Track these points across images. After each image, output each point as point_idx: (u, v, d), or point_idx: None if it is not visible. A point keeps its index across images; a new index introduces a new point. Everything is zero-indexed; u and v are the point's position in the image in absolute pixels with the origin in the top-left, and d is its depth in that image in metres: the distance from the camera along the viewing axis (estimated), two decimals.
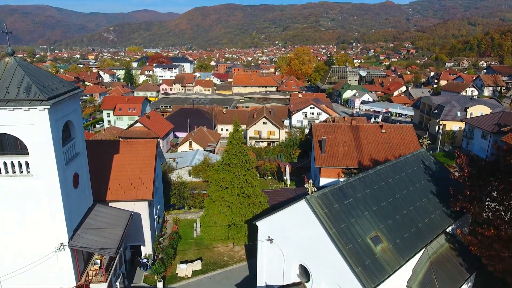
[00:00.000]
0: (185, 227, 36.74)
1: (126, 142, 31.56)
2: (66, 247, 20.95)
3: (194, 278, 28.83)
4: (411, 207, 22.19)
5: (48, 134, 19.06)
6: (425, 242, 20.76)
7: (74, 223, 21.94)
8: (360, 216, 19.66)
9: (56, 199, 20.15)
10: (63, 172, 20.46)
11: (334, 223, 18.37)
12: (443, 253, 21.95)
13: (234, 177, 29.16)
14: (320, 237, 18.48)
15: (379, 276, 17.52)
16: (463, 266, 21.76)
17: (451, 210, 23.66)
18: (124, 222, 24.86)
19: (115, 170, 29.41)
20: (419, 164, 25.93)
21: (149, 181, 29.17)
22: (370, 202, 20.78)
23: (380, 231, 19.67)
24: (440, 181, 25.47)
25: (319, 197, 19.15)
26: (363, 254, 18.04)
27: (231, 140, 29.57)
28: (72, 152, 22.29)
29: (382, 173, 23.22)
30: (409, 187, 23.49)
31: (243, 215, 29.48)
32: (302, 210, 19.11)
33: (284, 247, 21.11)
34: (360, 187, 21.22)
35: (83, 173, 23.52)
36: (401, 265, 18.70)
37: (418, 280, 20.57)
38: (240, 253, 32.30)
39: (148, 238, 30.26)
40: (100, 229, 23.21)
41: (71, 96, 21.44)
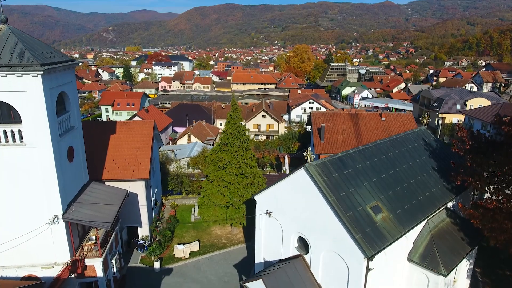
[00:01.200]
0: (182, 212, 36.35)
1: (123, 122, 31.19)
2: (60, 220, 20.54)
3: (191, 259, 28.44)
4: (411, 180, 21.84)
5: (42, 102, 18.67)
6: (426, 214, 20.41)
7: (68, 197, 21.54)
8: (359, 186, 19.30)
9: (50, 170, 19.75)
10: (57, 143, 20.07)
11: (333, 191, 18.00)
12: (444, 227, 21.59)
13: (232, 157, 28.79)
14: (319, 206, 18.11)
15: (379, 243, 17.15)
16: (465, 240, 21.39)
17: (452, 186, 23.33)
18: (120, 199, 24.46)
19: (112, 150, 29.04)
20: (419, 140, 25.59)
21: (146, 161, 28.80)
22: (370, 173, 20.42)
23: (381, 201, 19.32)
24: (440, 158, 25.14)
25: (318, 165, 18.79)
26: (363, 222, 17.67)
27: (229, 120, 29.21)
28: (67, 125, 21.90)
29: (382, 147, 22.88)
30: (409, 161, 23.14)
31: (241, 195, 29.10)
32: (301, 179, 18.73)
33: (283, 220, 20.73)
34: (360, 158, 20.86)
35: (78, 147, 23.12)
36: (402, 234, 18.34)
37: (419, 253, 20.21)
38: (239, 236, 31.92)
39: (145, 220, 29.87)
40: (95, 204, 22.81)
41: (66, 67, 21.12)
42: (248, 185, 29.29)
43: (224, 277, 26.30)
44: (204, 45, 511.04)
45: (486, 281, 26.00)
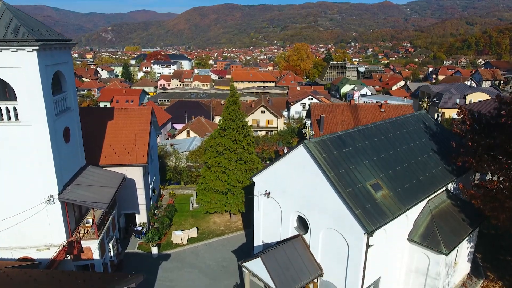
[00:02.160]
0: (181, 201, 36.06)
1: (121, 109, 30.89)
2: (56, 200, 20.26)
3: (189, 245, 28.16)
4: (411, 161, 21.62)
5: (37, 78, 18.40)
6: (427, 193, 20.18)
7: (64, 177, 21.26)
8: (359, 164, 19.07)
9: (46, 149, 19.47)
10: (53, 121, 19.80)
11: (333, 168, 17.76)
12: (445, 209, 21.36)
13: (230, 142, 28.53)
14: (318, 183, 17.88)
15: (379, 219, 16.92)
16: (466, 221, 21.16)
17: (453, 168, 23.12)
18: (117, 182, 24.19)
19: (109, 136, 28.76)
20: (420, 123, 25.38)
21: (144, 146, 28.53)
22: (370, 152, 20.20)
23: (380, 179, 19.10)
24: (441, 141, 24.92)
25: (317, 142, 18.56)
26: (363, 198, 17.44)
27: (227, 105, 28.96)
28: (63, 105, 21.63)
29: (382, 128, 22.66)
30: (409, 143, 22.93)
31: (239, 181, 28.84)
32: (300, 156, 18.50)
33: (282, 200, 20.48)
34: (360, 138, 20.64)
35: (75, 129, 22.84)
36: (402, 212, 18.11)
37: (419, 233, 19.97)
38: (237, 224, 31.66)
39: (142, 206, 29.59)
40: (92, 186, 22.54)
41: (62, 46, 20.87)
42: (246, 171, 29.03)
43: (222, 262, 26.03)
44: (203, 45, 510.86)
45: (486, 265, 25.77)
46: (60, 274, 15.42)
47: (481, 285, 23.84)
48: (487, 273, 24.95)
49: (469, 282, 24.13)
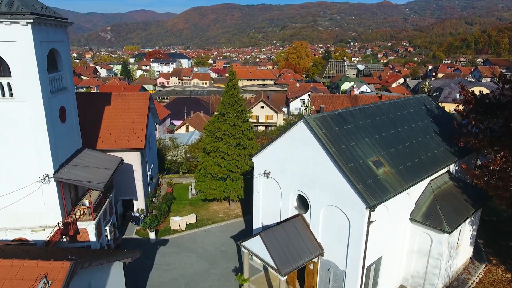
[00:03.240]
0: (179, 191, 35.69)
1: (118, 94, 30.50)
2: (51, 180, 19.86)
3: (188, 231, 27.77)
4: (413, 141, 21.28)
5: (32, 53, 18.01)
6: (429, 172, 19.83)
7: (60, 158, 20.85)
8: (360, 141, 18.72)
9: (41, 126, 19.07)
10: (48, 99, 19.41)
11: (333, 143, 17.41)
12: (447, 189, 21.01)
13: (229, 127, 28.15)
14: (319, 159, 17.53)
15: (381, 194, 16.57)
16: (468, 202, 20.80)
17: (455, 149, 22.79)
18: (114, 164, 23.79)
19: (106, 121, 28.38)
20: (421, 106, 25.05)
21: (142, 131, 28.14)
22: (371, 130, 19.85)
23: (382, 156, 18.75)
24: (443, 123, 24.61)
25: (317, 118, 18.21)
26: (365, 174, 17.09)
27: (226, 90, 28.57)
28: (59, 85, 21.23)
29: (383, 107, 22.32)
30: (411, 123, 22.60)
31: (238, 167, 28.47)
32: (300, 132, 18.15)
33: (281, 179, 20.11)
34: (361, 116, 20.29)
35: (71, 110, 22.44)
36: (404, 189, 17.76)
37: (421, 212, 19.63)
38: (236, 211, 31.28)
39: (140, 192, 29.21)
40: (88, 167, 22.16)
41: (58, 24, 20.55)
42: (245, 157, 28.64)
43: (221, 247, 25.65)
44: (202, 44, 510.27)
45: (489, 251, 25.46)
46: (53, 249, 15.07)
47: (484, 269, 23.50)
48: (490, 258, 24.64)
49: (471, 266, 23.80)
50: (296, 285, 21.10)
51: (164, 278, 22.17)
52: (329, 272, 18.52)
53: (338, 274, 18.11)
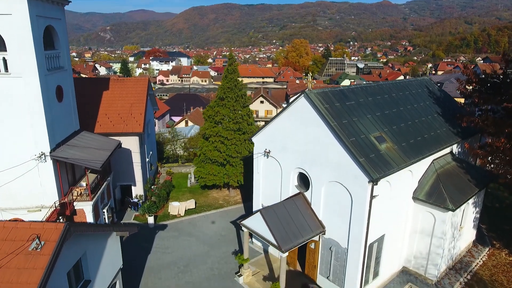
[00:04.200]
0: (178, 179, 35.32)
1: (117, 80, 30.19)
2: (47, 158, 19.52)
3: (187, 217, 27.42)
4: (416, 120, 20.96)
5: (28, 27, 17.66)
6: (432, 150, 19.48)
7: (57, 137, 20.50)
8: (362, 117, 18.39)
9: (37, 103, 18.73)
10: (44, 75, 19.06)
11: (335, 118, 17.08)
12: (450, 169, 20.68)
13: (229, 111, 27.83)
14: (320, 134, 17.18)
15: (384, 168, 16.23)
16: (471, 182, 20.45)
17: (458, 130, 22.46)
18: (112, 146, 23.44)
19: (104, 105, 28.06)
20: (423, 88, 24.73)
21: (140, 116, 27.80)
22: (373, 108, 19.52)
23: (385, 133, 18.42)
24: (445, 106, 24.30)
25: (319, 93, 17.87)
26: (367, 148, 16.75)
27: (226, 74, 28.25)
28: (55, 63, 20.87)
29: (385, 87, 22.00)
30: (413, 103, 22.27)
31: (238, 152, 28.13)
32: (301, 108, 17.81)
33: (282, 158, 19.76)
34: (362, 94, 19.96)
35: (68, 89, 22.08)
36: (407, 165, 17.41)
37: (424, 191, 19.28)
38: (236, 198, 30.93)
39: (139, 178, 28.87)
40: (85, 147, 21.81)
41: (54, 0, 20.17)
42: (245, 142, 28.32)
43: (221, 232, 25.30)
44: (202, 44, 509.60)
45: (492, 235, 25.14)
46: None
47: (487, 253, 23.19)
48: (493, 242, 24.33)
49: (474, 249, 23.48)
50: (297, 266, 20.77)
51: (163, 261, 21.82)
52: (331, 251, 18.17)
53: (340, 252, 17.77)
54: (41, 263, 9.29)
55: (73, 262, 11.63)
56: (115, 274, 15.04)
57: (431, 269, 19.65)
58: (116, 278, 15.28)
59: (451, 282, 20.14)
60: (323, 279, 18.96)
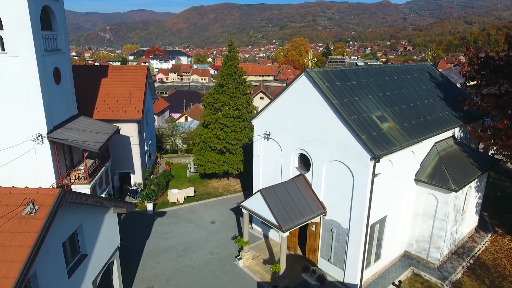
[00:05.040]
0: (178, 170, 35.07)
1: (116, 67, 29.96)
2: (44, 139, 19.27)
3: (186, 204, 27.15)
4: (418, 102, 20.71)
5: (24, 4, 17.43)
6: (434, 131, 19.22)
7: (54, 119, 20.25)
8: (364, 97, 18.13)
9: (34, 83, 18.49)
10: (41, 56, 18.83)
11: (336, 96, 16.83)
12: (452, 152, 20.42)
13: (228, 98, 27.56)
14: (321, 113, 16.92)
15: (386, 146, 15.98)
16: (474, 165, 20.19)
17: (460, 114, 22.21)
18: (110, 130, 23.19)
19: (103, 92, 27.82)
20: (425, 73, 24.48)
21: (139, 102, 27.55)
22: (374, 89, 19.27)
23: (386, 113, 18.17)
24: (447, 90, 24.05)
25: (319, 72, 17.63)
26: (369, 126, 16.50)
27: (225, 61, 27.99)
28: (53, 45, 20.63)
29: (386, 70, 21.75)
30: (415, 87, 22.02)
31: (238, 139, 27.86)
32: (301, 87, 17.55)
33: (282, 139, 19.50)
34: (364, 75, 19.71)
35: (65, 72, 21.83)
36: (409, 144, 17.16)
37: (427, 173, 19.03)
38: (236, 187, 30.67)
39: (138, 166, 28.62)
40: (83, 131, 21.55)
41: None
42: (245, 129, 28.06)
43: (220, 218, 25.04)
44: (202, 44, 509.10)
45: (494, 222, 24.91)
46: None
47: (490, 239, 22.93)
48: (495, 228, 24.09)
49: (477, 235, 23.24)
50: (298, 250, 20.50)
51: (162, 246, 21.55)
52: (332, 232, 17.91)
53: (342, 234, 17.51)
54: (35, 227, 9.04)
55: (69, 233, 11.37)
56: (113, 252, 14.78)
57: (434, 253, 19.40)
58: (113, 257, 15.01)
59: (454, 266, 19.89)
60: (324, 262, 18.70)
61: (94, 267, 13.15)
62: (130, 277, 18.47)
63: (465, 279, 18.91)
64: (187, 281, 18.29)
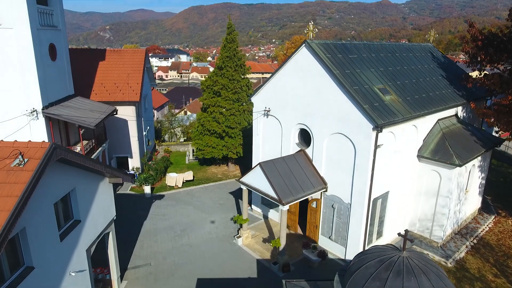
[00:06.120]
0: (177, 157, 34.67)
1: (113, 50, 29.56)
2: (39, 115, 18.87)
3: (184, 188, 26.74)
4: (420, 79, 20.34)
5: None
6: (437, 107, 18.85)
7: (50, 96, 19.81)
8: (366, 70, 17.76)
9: (28, 56, 18.06)
10: (36, 29, 18.41)
11: (338, 67, 16.45)
12: (456, 130, 20.04)
13: (228, 81, 27.16)
14: (322, 84, 16.56)
15: (388, 117, 15.60)
16: (478, 143, 19.82)
17: (463, 93, 21.85)
18: (108, 110, 22.79)
19: (100, 75, 27.44)
20: (427, 52, 24.12)
21: (137, 85, 27.17)
22: (376, 63, 18.90)
23: (389, 86, 17.79)
24: (450, 70, 23.71)
25: (320, 43, 17.27)
26: (371, 97, 16.12)
27: (224, 44, 27.59)
28: (49, 20, 20.20)
29: (388, 46, 21.38)
30: (417, 64, 21.65)
31: (237, 122, 27.46)
32: (302, 58, 17.20)
33: (282, 115, 19.11)
34: (365, 49, 19.33)
35: (61, 49, 21.39)
36: (412, 116, 16.79)
37: (430, 149, 18.65)
38: (235, 172, 30.27)
39: (135, 150, 28.23)
40: (80, 109, 21.15)
41: None
42: (245, 112, 27.67)
43: (219, 201, 24.64)
44: (201, 43, 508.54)
45: (497, 205, 24.53)
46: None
47: (493, 220, 22.56)
48: (498, 211, 23.73)
49: (480, 217, 22.86)
50: (298, 229, 20.11)
51: (159, 226, 21.15)
52: (333, 208, 17.52)
53: (343, 209, 17.12)
54: (23, 178, 8.64)
55: (61, 195, 10.97)
56: (108, 224, 14.37)
57: (437, 231, 19.01)
58: (109, 228, 14.60)
59: (457, 245, 19.50)
60: (325, 240, 18.32)
61: (88, 235, 12.75)
62: (127, 255, 18.08)
63: (469, 258, 18.52)
64: (185, 258, 17.88)
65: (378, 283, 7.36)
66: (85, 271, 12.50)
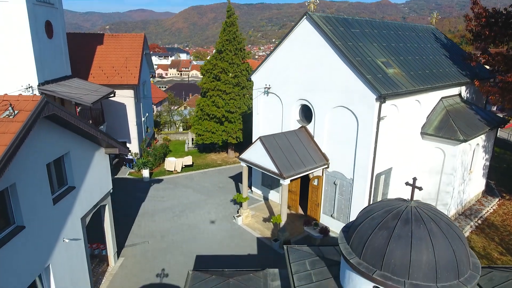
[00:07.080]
0: (176, 146, 34.31)
1: (111, 35, 29.20)
2: (35, 91, 18.47)
3: (184, 173, 26.36)
4: (423, 56, 19.95)
5: None
6: (440, 83, 18.47)
7: (46, 73, 19.43)
8: (368, 44, 17.38)
9: (24, 30, 17.70)
10: (32, 4, 18.05)
11: (339, 39, 16.08)
12: (460, 109, 19.69)
13: (227, 65, 26.80)
14: (324, 57, 16.18)
15: (392, 88, 15.22)
16: (482, 122, 19.45)
17: (467, 72, 21.47)
18: (106, 91, 22.41)
19: (98, 58, 27.09)
20: (430, 34, 23.74)
21: (135, 69, 26.80)
22: (378, 38, 18.53)
23: (392, 61, 17.41)
24: (453, 51, 23.33)
25: (321, 16, 16.91)
26: (374, 69, 15.74)
27: (224, 27, 27.23)
28: None
29: (391, 24, 21.01)
30: (420, 43, 21.27)
31: (237, 106, 27.09)
32: (303, 31, 16.84)
33: (283, 91, 18.73)
34: (367, 25, 18.96)
35: (58, 28, 21.01)
36: (415, 90, 16.41)
37: (433, 126, 18.29)
38: (235, 159, 29.87)
39: (134, 135, 27.85)
40: (77, 88, 20.77)
41: None
42: (244, 96, 27.30)
43: (218, 184, 24.26)
44: (201, 43, 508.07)
45: (501, 189, 24.16)
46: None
47: (497, 203, 22.19)
48: (502, 194, 23.35)
49: (484, 199, 22.49)
50: (299, 210, 19.73)
51: (158, 207, 20.77)
52: (335, 185, 17.13)
53: (345, 185, 16.74)
54: (13, 128, 8.25)
55: (54, 156, 10.58)
56: (104, 195, 13.99)
57: (440, 210, 18.57)
58: (105, 201, 14.23)
59: (461, 225, 19.13)
60: (327, 218, 17.94)
61: (83, 203, 12.37)
62: (124, 234, 17.70)
63: (473, 237, 18.14)
64: (183, 237, 17.51)
65: (385, 232, 6.96)
66: (79, 240, 12.11)
